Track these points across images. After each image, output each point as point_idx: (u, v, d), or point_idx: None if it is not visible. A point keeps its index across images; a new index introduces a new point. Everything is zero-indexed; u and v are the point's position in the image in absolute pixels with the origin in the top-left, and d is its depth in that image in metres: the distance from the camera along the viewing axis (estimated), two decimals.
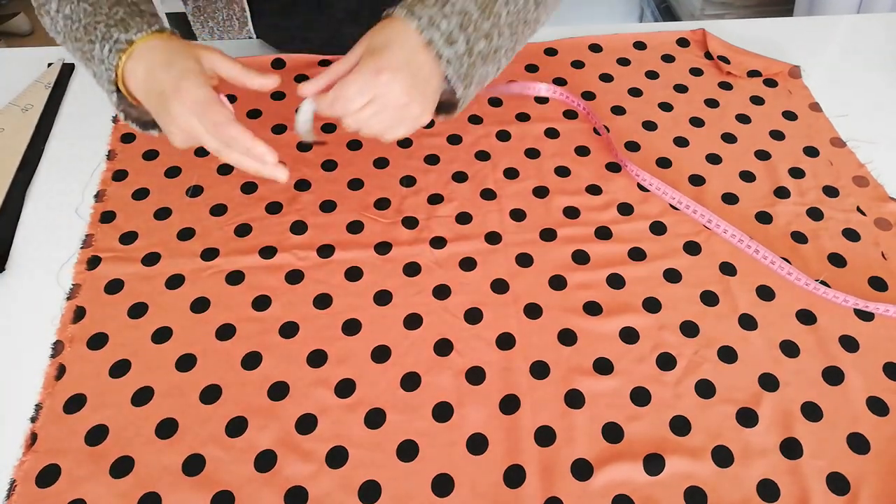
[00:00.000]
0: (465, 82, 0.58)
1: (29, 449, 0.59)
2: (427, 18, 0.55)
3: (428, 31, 0.55)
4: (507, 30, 0.59)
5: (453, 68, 0.56)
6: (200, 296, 0.68)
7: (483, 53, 0.58)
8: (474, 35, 0.57)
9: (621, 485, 0.57)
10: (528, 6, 0.61)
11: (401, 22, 0.56)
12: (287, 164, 0.79)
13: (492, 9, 0.57)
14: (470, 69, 0.58)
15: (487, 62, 0.59)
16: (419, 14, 0.56)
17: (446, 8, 0.56)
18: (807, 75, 0.91)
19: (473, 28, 0.56)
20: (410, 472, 0.58)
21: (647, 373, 0.64)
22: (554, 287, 0.69)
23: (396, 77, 0.54)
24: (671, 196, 0.76)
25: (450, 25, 0.56)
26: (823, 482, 0.57)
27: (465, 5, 0.56)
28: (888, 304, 0.67)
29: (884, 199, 0.77)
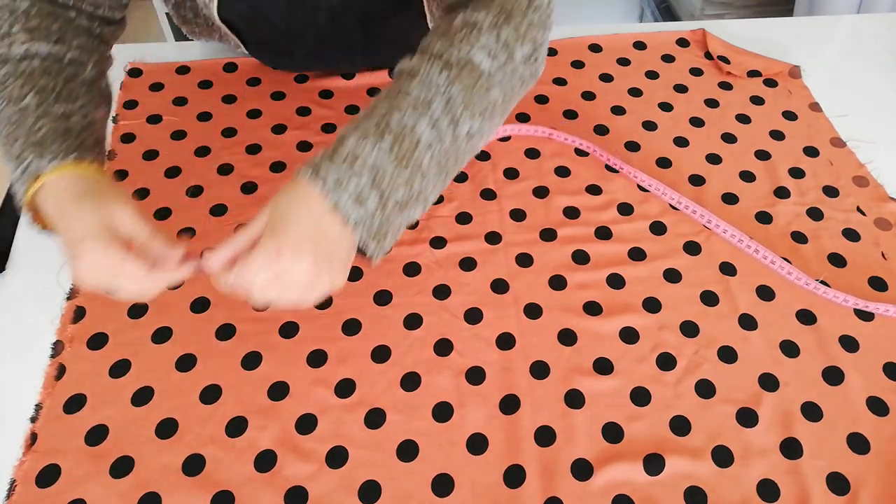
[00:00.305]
0: (377, 238, 0.53)
1: (29, 449, 0.59)
2: (333, 180, 0.51)
3: (334, 193, 0.51)
4: (432, 171, 0.54)
5: (364, 228, 0.52)
6: (200, 296, 0.68)
7: (402, 202, 0.53)
8: (389, 188, 0.52)
9: (621, 485, 0.57)
10: (457, 144, 0.55)
11: (305, 186, 0.51)
12: (288, 163, 0.80)
13: (410, 157, 0.52)
14: (384, 224, 0.53)
15: (407, 208, 0.54)
16: (325, 175, 0.51)
17: (357, 164, 0.51)
18: (807, 75, 0.91)
19: (388, 181, 0.52)
20: (410, 472, 0.58)
21: (647, 373, 0.64)
22: (554, 287, 0.69)
23: (299, 255, 0.50)
24: (670, 196, 0.75)
25: (360, 184, 0.51)
26: (823, 482, 0.57)
27: (378, 160, 0.52)
28: (888, 304, 0.67)
29: (884, 199, 0.77)
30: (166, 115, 0.85)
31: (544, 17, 0.58)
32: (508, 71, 0.57)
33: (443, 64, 0.55)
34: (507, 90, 0.58)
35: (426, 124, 0.53)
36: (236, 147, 0.81)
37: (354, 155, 0.52)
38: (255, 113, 0.85)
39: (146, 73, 0.89)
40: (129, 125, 0.83)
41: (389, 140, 0.52)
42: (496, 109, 0.57)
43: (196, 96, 0.87)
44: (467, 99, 0.55)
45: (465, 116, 0.55)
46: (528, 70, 0.59)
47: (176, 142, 0.82)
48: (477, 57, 0.55)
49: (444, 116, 0.54)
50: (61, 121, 0.57)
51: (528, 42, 0.57)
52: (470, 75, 0.55)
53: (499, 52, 0.56)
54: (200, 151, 0.81)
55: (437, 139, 0.54)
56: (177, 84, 0.88)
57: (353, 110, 0.85)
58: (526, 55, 0.58)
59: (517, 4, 0.57)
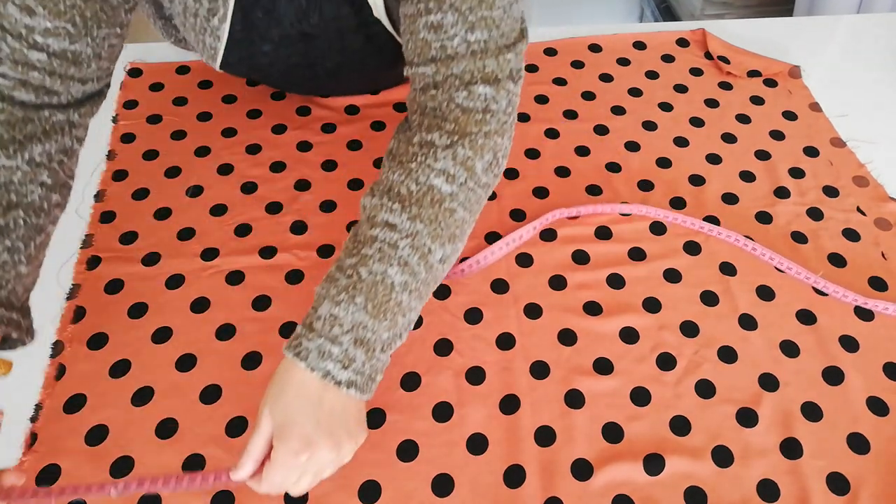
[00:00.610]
0: (371, 379, 0.54)
1: (29, 449, 0.59)
2: (316, 352, 0.51)
3: (320, 366, 0.51)
4: (413, 303, 0.55)
5: (356, 386, 0.52)
6: (200, 296, 0.68)
7: (387, 341, 0.54)
8: (374, 338, 0.53)
9: (621, 485, 0.57)
10: (433, 272, 0.56)
11: (292, 366, 0.52)
12: (287, 163, 0.80)
13: (387, 305, 0.53)
14: (374, 368, 0.53)
15: (394, 343, 0.55)
16: (306, 351, 0.51)
17: (335, 329, 0.52)
18: (807, 75, 0.91)
19: (371, 334, 0.52)
20: (410, 472, 0.58)
21: (647, 373, 0.64)
22: (554, 287, 0.69)
23: (314, 447, 0.50)
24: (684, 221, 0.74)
25: (343, 349, 0.52)
26: (823, 482, 0.57)
27: (356, 319, 0.52)
28: (888, 302, 0.67)
29: (884, 199, 0.77)
30: (166, 115, 0.85)
31: (502, 122, 0.57)
32: (470, 187, 0.57)
33: (403, 199, 0.55)
34: (472, 204, 0.58)
35: (396, 269, 0.54)
36: (236, 147, 0.81)
37: (331, 321, 0.52)
38: (255, 113, 0.85)
39: (146, 72, 0.89)
40: (129, 125, 0.83)
41: (363, 297, 0.53)
42: (465, 226, 0.58)
43: (196, 96, 0.87)
44: (433, 231, 0.55)
45: (434, 247, 0.55)
46: (490, 177, 0.59)
47: (176, 142, 0.82)
48: (436, 182, 0.56)
49: (412, 254, 0.54)
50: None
51: (487, 153, 0.57)
52: (432, 205, 0.55)
53: (458, 172, 0.56)
54: (200, 151, 0.81)
55: (412, 276, 0.54)
56: (177, 84, 0.88)
57: (352, 110, 0.85)
58: (486, 165, 0.57)
59: (471, 118, 0.56)
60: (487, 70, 0.56)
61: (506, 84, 0.57)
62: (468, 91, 0.56)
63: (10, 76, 0.55)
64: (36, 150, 0.57)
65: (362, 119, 0.84)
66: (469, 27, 0.55)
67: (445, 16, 0.55)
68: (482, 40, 0.55)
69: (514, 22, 0.57)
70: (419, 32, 0.56)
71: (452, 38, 0.55)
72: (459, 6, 0.55)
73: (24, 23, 0.54)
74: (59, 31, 0.55)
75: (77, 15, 0.55)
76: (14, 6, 0.54)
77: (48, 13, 0.54)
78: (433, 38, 0.56)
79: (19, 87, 0.56)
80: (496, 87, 0.56)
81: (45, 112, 0.58)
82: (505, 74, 0.56)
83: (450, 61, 0.56)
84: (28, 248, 0.56)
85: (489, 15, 0.55)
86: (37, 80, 0.56)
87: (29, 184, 0.57)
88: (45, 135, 0.58)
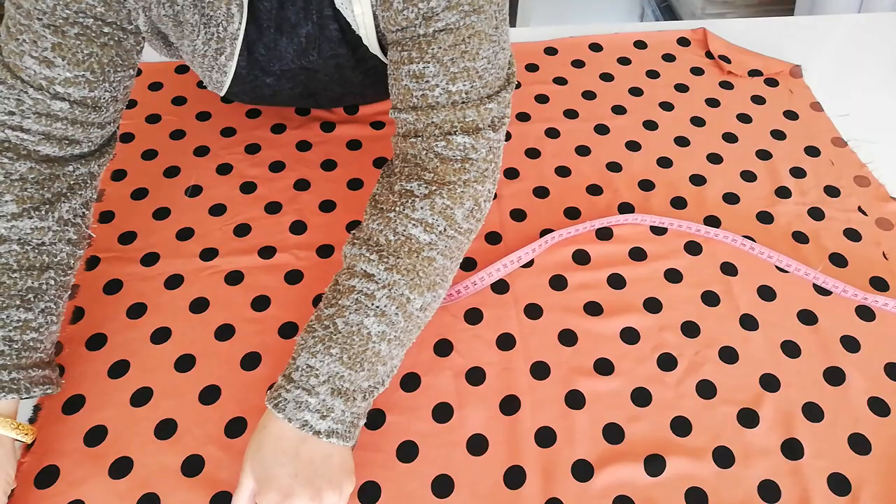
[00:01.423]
0: (354, 426, 0.54)
1: (28, 450, 0.58)
2: (293, 403, 0.52)
3: (297, 416, 0.52)
4: (394, 352, 0.56)
5: (342, 429, 0.53)
6: (199, 296, 0.68)
7: (367, 390, 0.55)
8: (352, 387, 0.53)
9: (622, 486, 0.57)
10: (412, 320, 0.56)
11: (270, 423, 0.53)
12: (287, 163, 0.79)
13: (363, 355, 0.54)
14: (355, 416, 0.54)
15: (376, 390, 0.56)
16: (284, 402, 0.53)
17: (312, 380, 0.53)
18: (808, 75, 0.90)
19: (349, 384, 0.53)
20: (410, 472, 0.58)
21: (647, 373, 0.63)
22: (554, 287, 0.69)
23: (294, 498, 0.51)
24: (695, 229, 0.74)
25: (319, 399, 0.52)
26: (825, 483, 0.57)
27: (332, 368, 0.53)
28: (888, 298, 0.67)
29: (885, 199, 0.77)
30: (165, 114, 0.84)
31: (482, 170, 0.57)
32: (450, 235, 0.57)
33: (381, 249, 0.56)
34: (452, 251, 0.58)
35: (373, 319, 0.54)
36: (235, 147, 0.81)
37: (308, 372, 0.53)
38: (255, 112, 0.85)
39: (145, 72, 0.89)
40: (128, 124, 0.83)
41: (338, 348, 0.54)
42: (445, 273, 0.58)
43: (195, 96, 0.87)
44: (411, 280, 0.55)
45: (413, 296, 0.55)
46: (473, 223, 0.58)
47: (175, 141, 0.82)
48: (414, 232, 0.56)
49: (390, 304, 0.55)
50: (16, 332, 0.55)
51: (467, 200, 0.57)
52: (409, 255, 0.55)
53: (436, 221, 0.56)
54: (199, 151, 0.81)
55: (389, 326, 0.54)
56: (176, 83, 0.88)
57: (352, 111, 0.85)
58: (467, 213, 0.57)
59: (449, 167, 0.56)
60: (467, 120, 0.56)
61: (486, 133, 0.56)
62: (447, 141, 0.56)
63: (34, 130, 0.56)
64: (63, 207, 0.58)
65: (362, 119, 0.84)
66: (450, 78, 0.55)
67: (427, 66, 0.55)
68: (463, 91, 0.55)
69: (498, 70, 0.57)
70: (402, 80, 0.57)
71: (433, 88, 0.55)
72: (441, 57, 0.55)
73: (44, 74, 0.55)
74: (78, 80, 0.56)
75: (95, 62, 0.56)
76: (32, 58, 0.54)
77: (67, 63, 0.55)
78: (415, 87, 0.56)
79: (44, 140, 0.57)
80: (475, 137, 0.56)
81: (70, 167, 0.59)
82: (486, 123, 0.56)
83: (430, 110, 0.56)
84: (58, 307, 0.59)
85: (472, 66, 0.55)
86: (60, 131, 0.57)
87: (58, 243, 0.58)
88: (71, 190, 0.59)
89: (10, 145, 0.56)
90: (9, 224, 0.55)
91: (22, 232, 0.56)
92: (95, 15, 0.55)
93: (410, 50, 0.55)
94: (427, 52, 0.55)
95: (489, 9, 0.54)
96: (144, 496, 0.56)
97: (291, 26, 0.64)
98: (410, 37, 0.55)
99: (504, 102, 0.58)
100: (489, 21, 0.55)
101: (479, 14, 0.54)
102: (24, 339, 0.55)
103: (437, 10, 0.53)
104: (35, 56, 0.54)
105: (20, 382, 0.54)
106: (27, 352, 0.56)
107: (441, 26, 0.54)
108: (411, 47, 0.55)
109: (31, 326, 0.56)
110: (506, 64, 0.58)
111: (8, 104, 0.55)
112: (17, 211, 0.56)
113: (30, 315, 0.56)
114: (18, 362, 0.55)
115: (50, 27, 0.54)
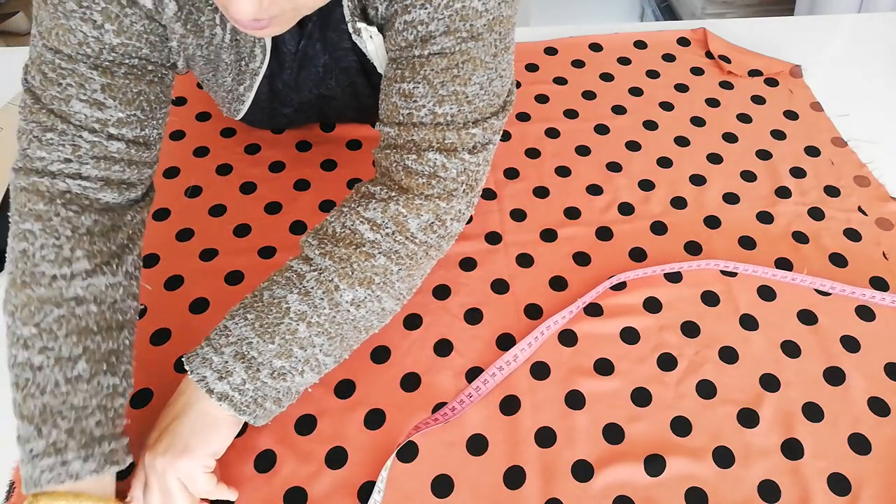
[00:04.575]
0: (258, 404, 0.54)
1: None
2: (200, 359, 0.53)
3: (199, 371, 0.53)
4: (317, 339, 0.54)
5: (237, 397, 0.53)
6: (200, 296, 0.68)
7: (279, 371, 0.54)
8: (258, 357, 0.53)
9: (622, 486, 0.57)
10: (341, 312, 0.55)
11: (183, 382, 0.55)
12: (287, 163, 0.79)
13: (278, 327, 0.53)
14: (262, 388, 0.53)
15: (291, 376, 0.54)
16: (194, 357, 0.54)
17: (221, 339, 0.53)
18: (808, 75, 0.90)
19: (256, 351, 0.53)
20: (410, 472, 0.58)
21: (647, 373, 0.63)
22: (554, 287, 0.69)
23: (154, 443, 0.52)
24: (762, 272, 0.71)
25: (223, 358, 0.52)
26: (824, 483, 0.57)
27: (242, 332, 0.53)
28: (893, 294, 0.67)
29: (885, 199, 0.77)
30: None
31: (449, 189, 0.57)
32: (399, 241, 0.56)
33: (323, 237, 0.56)
34: (402, 259, 0.57)
35: (296, 297, 0.54)
36: (235, 147, 0.81)
37: (221, 332, 0.54)
38: None
39: None
40: None
41: (254, 314, 0.54)
42: (389, 276, 0.57)
43: (195, 96, 0.87)
44: (342, 269, 0.55)
45: (342, 285, 0.55)
46: (432, 237, 0.58)
47: (175, 142, 0.82)
48: (361, 228, 0.56)
49: (317, 287, 0.55)
50: (108, 399, 0.52)
51: (425, 213, 0.57)
52: (347, 246, 0.55)
53: (385, 223, 0.56)
54: (199, 151, 0.81)
55: (312, 308, 0.54)
56: (176, 84, 0.88)
57: None
58: (424, 225, 0.57)
59: (413, 180, 0.56)
60: (446, 141, 0.56)
61: (461, 154, 0.56)
62: (418, 155, 0.56)
63: (94, 176, 0.55)
64: (128, 260, 0.57)
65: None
66: (438, 100, 0.55)
67: (417, 86, 0.55)
68: (449, 114, 0.56)
69: (492, 98, 0.57)
70: (392, 96, 0.57)
71: (420, 108, 0.56)
72: (432, 79, 0.55)
73: (96, 116, 0.53)
74: (131, 120, 0.55)
75: (144, 100, 0.56)
76: (81, 102, 0.53)
77: (119, 103, 0.54)
78: (402, 105, 0.56)
79: (105, 187, 0.55)
80: (448, 156, 0.56)
81: (128, 216, 0.58)
82: (464, 147, 0.56)
83: (412, 128, 0.56)
84: (130, 366, 0.56)
85: (461, 90, 0.55)
86: (118, 174, 0.56)
87: (127, 299, 0.57)
88: (132, 241, 0.58)
89: (73, 196, 0.54)
90: (84, 283, 0.53)
91: (98, 290, 0.54)
92: (141, 56, 0.54)
93: (404, 69, 0.56)
94: (419, 72, 0.55)
95: (488, 37, 0.54)
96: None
97: (310, 59, 0.65)
98: (406, 56, 0.56)
99: (491, 129, 0.58)
100: (487, 49, 0.55)
101: (476, 41, 0.54)
102: (115, 407, 0.53)
103: (434, 34, 0.53)
104: (84, 99, 0.53)
105: (118, 454, 0.52)
106: (119, 419, 0.53)
107: (436, 49, 0.54)
108: (405, 66, 0.56)
109: (119, 392, 0.53)
110: (503, 92, 0.58)
111: (63, 151, 0.53)
112: (90, 268, 0.53)
113: (116, 380, 0.53)
114: (114, 431, 0.52)
115: (97, 69, 0.53)
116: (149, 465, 0.53)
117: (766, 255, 0.72)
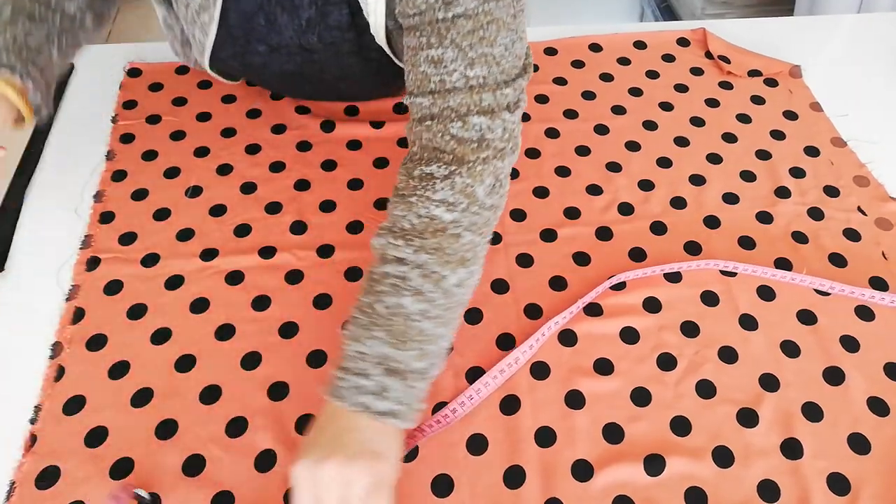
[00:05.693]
0: (412, 409, 0.54)
1: (28, 450, 0.59)
2: (351, 390, 0.52)
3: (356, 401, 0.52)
4: (439, 330, 0.55)
5: (400, 410, 0.52)
6: (200, 296, 0.68)
7: (420, 371, 0.54)
8: (403, 367, 0.53)
9: (622, 486, 0.57)
10: (451, 296, 0.56)
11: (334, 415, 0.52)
12: (287, 163, 0.80)
13: (407, 333, 0.53)
14: (414, 392, 0.54)
15: (429, 372, 0.55)
16: (341, 391, 0.52)
17: (362, 363, 0.53)
18: (807, 75, 0.91)
19: (399, 362, 0.53)
20: (410, 472, 0.58)
21: (647, 373, 0.63)
22: (554, 287, 0.69)
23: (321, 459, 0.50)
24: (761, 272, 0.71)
25: (374, 379, 0.52)
26: (824, 482, 0.57)
27: (379, 350, 0.53)
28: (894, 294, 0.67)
29: (884, 199, 0.77)
30: (166, 115, 0.85)
31: (499, 148, 0.57)
32: (474, 211, 0.57)
33: (406, 234, 0.56)
34: (479, 227, 0.58)
35: (410, 299, 0.54)
36: (235, 147, 0.81)
37: (359, 358, 0.53)
38: (255, 113, 0.85)
39: (145, 73, 0.89)
40: (129, 125, 0.83)
41: (382, 331, 0.54)
42: (477, 249, 0.58)
43: (195, 96, 0.87)
44: (440, 258, 0.55)
45: (446, 272, 0.55)
46: (496, 199, 0.58)
47: (175, 142, 0.82)
48: (437, 212, 0.56)
49: (424, 282, 0.55)
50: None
51: (487, 177, 0.57)
52: (434, 234, 0.56)
53: (457, 199, 0.56)
54: (200, 152, 0.81)
55: (429, 304, 0.54)
56: (176, 84, 0.88)
57: (352, 111, 0.85)
58: (488, 189, 0.57)
59: (467, 147, 0.56)
60: (484, 104, 0.56)
61: (502, 114, 0.57)
62: (463, 121, 0.56)
63: None
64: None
65: (362, 118, 0.84)
66: (469, 63, 0.55)
67: (446, 51, 0.55)
68: (481, 76, 0.56)
69: (515, 59, 0.58)
70: (420, 65, 0.57)
71: (452, 73, 0.56)
72: (460, 42, 0.55)
73: None
74: None
75: None
76: None
77: None
78: (433, 72, 0.56)
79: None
80: (491, 118, 0.56)
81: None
82: (502, 107, 0.57)
83: (447, 94, 0.56)
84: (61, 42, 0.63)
85: (490, 52, 0.55)
86: None
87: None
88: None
89: None
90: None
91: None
92: None
93: (429, 35, 0.56)
94: (446, 37, 0.55)
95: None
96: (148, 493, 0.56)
97: (294, 7, 0.64)
98: (428, 21, 0.56)
99: (520, 89, 0.58)
100: (507, 9, 0.55)
101: (497, 2, 0.55)
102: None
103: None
104: None
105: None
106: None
107: (460, 11, 0.54)
108: (430, 32, 0.56)
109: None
110: (523, 53, 0.59)
111: None
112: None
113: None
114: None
115: None
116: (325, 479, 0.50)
117: (765, 255, 0.72)
